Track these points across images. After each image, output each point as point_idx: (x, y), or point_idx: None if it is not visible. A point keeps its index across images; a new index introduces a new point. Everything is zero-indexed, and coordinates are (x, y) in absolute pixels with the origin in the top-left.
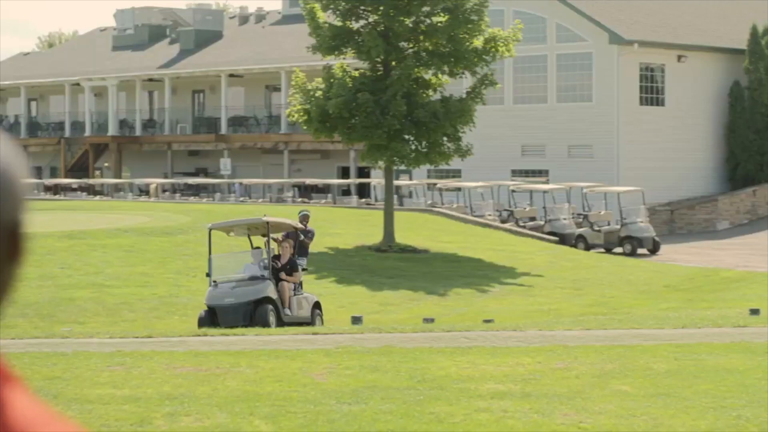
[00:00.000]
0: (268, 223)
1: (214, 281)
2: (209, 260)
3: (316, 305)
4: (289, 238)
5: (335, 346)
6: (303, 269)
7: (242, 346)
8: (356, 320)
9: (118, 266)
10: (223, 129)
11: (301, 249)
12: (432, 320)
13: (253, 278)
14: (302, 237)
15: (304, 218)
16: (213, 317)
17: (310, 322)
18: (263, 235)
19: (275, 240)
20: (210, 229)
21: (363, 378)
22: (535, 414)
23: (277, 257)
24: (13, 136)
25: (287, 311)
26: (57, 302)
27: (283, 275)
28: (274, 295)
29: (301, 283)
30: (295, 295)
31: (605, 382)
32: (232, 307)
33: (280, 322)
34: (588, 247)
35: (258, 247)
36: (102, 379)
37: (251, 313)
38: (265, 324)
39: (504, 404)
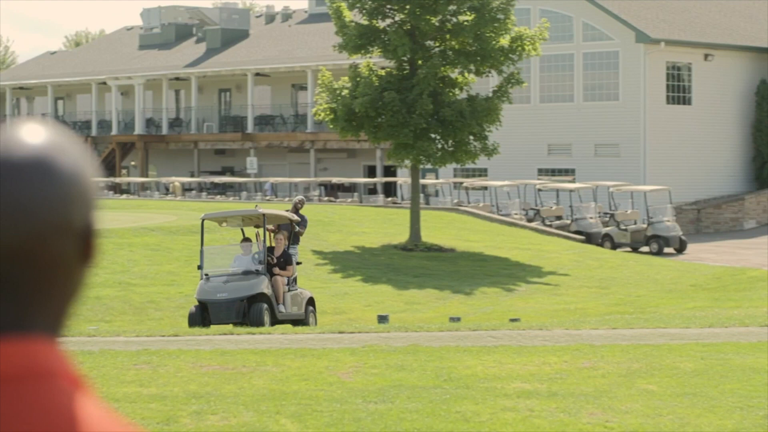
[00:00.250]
0: (263, 214)
1: (206, 274)
2: (201, 252)
3: (310, 301)
4: (282, 229)
5: (361, 344)
6: (297, 262)
7: (268, 345)
8: (382, 319)
9: (145, 265)
10: (250, 128)
11: (294, 238)
12: (458, 319)
13: (246, 273)
14: (297, 228)
15: (300, 202)
16: (204, 313)
17: (303, 320)
18: (256, 226)
19: (269, 230)
20: (203, 220)
21: (389, 377)
22: (562, 413)
23: (270, 250)
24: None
25: (281, 308)
26: (83, 300)
27: (276, 269)
28: (268, 292)
29: (295, 278)
30: (289, 290)
31: (631, 382)
32: (224, 303)
33: (274, 320)
34: (614, 246)
35: (248, 239)
36: (128, 377)
37: (244, 310)
38: (260, 323)
39: (530, 403)
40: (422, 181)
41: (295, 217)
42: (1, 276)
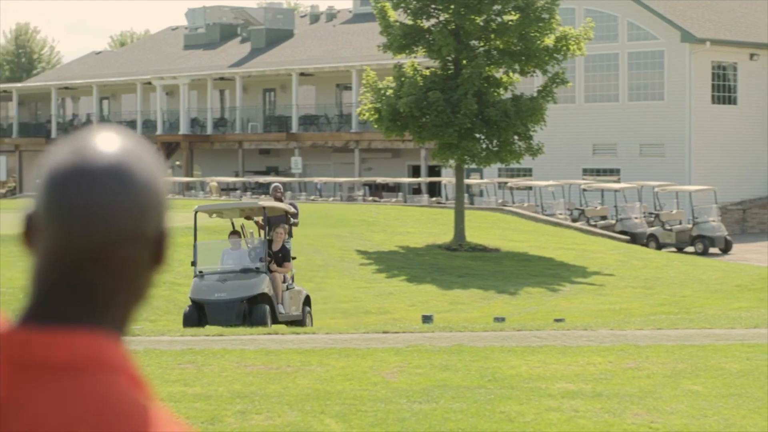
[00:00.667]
0: (264, 208)
1: (200, 272)
2: (194, 247)
3: (306, 301)
4: (275, 222)
5: (406, 344)
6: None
7: (313, 345)
8: (427, 319)
9: (189, 264)
10: (294, 128)
11: (289, 231)
12: (503, 319)
13: (245, 270)
14: (293, 220)
15: (276, 190)
16: (201, 314)
17: (301, 321)
18: (247, 218)
19: (257, 224)
20: (196, 212)
21: (433, 377)
22: (606, 414)
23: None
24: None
25: (280, 308)
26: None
27: (273, 266)
28: (270, 292)
29: (292, 276)
30: (287, 288)
31: (676, 382)
32: (223, 304)
33: (274, 321)
34: (659, 247)
35: (237, 231)
36: (173, 376)
37: (245, 312)
38: (262, 326)
39: (575, 404)
40: (467, 181)
41: (292, 209)
42: (76, 277)
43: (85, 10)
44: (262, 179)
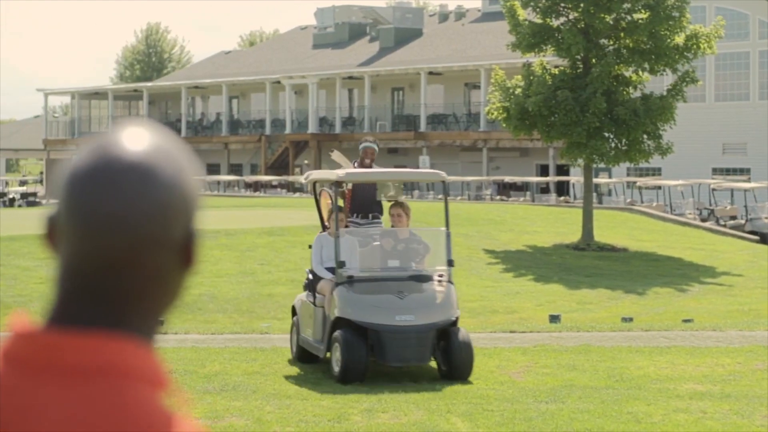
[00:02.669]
0: (445, 182)
1: (350, 277)
2: (336, 239)
3: None
4: (365, 198)
5: (533, 344)
6: None
7: None
8: (554, 318)
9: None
10: (422, 127)
11: (379, 207)
12: (630, 319)
13: (418, 277)
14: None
15: (370, 153)
16: (357, 340)
17: None
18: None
19: (341, 195)
20: (314, 184)
21: (560, 377)
22: (735, 415)
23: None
24: (214, 134)
25: None
26: (256, 298)
27: None
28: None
29: None
30: None
31: None
32: (414, 334)
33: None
34: None
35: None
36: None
37: (434, 346)
38: (465, 373)
39: (703, 405)
40: (595, 180)
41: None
42: (98, 283)
43: (215, 10)
44: None
